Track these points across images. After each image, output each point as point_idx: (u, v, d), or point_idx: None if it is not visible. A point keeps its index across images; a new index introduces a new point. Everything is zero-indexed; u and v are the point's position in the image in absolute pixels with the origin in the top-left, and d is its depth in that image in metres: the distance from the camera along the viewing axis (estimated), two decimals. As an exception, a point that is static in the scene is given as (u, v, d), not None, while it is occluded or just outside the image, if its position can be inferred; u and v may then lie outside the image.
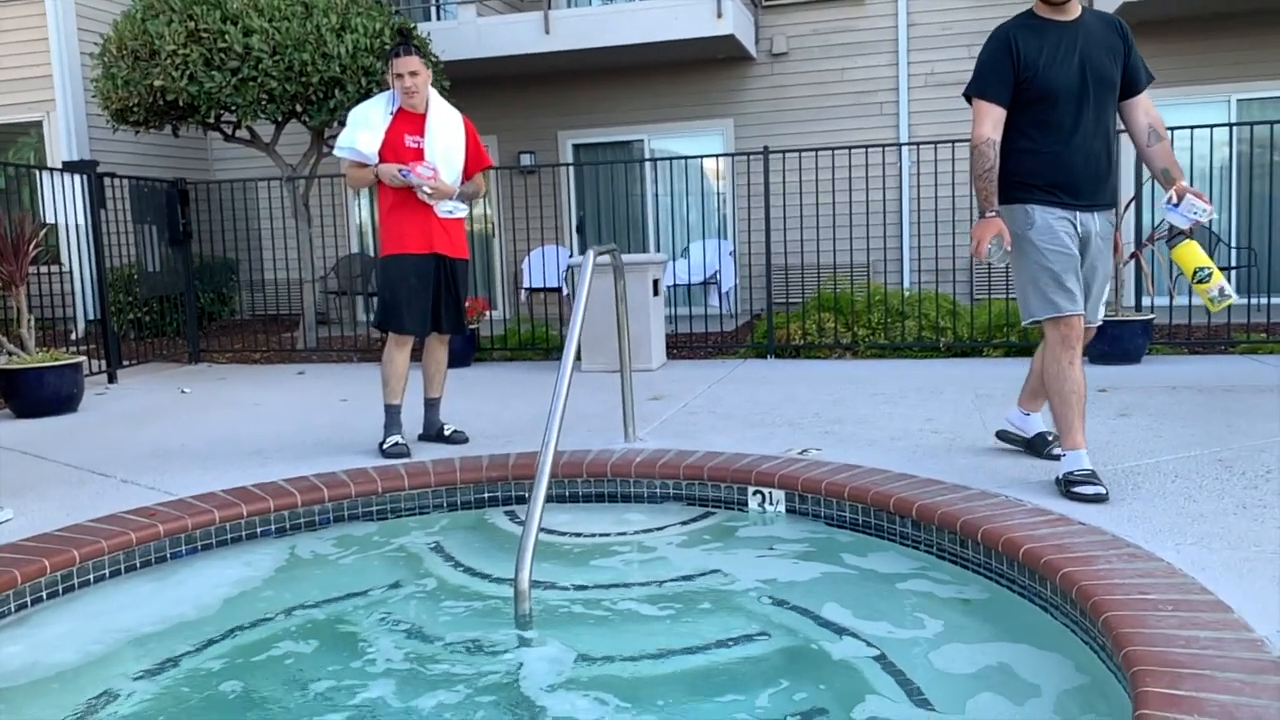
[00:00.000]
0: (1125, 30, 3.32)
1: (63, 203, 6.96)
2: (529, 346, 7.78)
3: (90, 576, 2.99)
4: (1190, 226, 3.17)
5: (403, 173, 4.08)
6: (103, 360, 7.18)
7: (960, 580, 2.83)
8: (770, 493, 3.51)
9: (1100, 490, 3.11)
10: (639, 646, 2.49)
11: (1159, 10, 8.72)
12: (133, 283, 8.85)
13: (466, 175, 4.35)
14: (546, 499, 2.81)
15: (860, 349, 7.19)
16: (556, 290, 9.89)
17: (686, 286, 9.63)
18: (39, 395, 5.72)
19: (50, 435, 5.07)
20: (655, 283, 7.01)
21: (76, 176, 7.09)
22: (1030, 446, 3.78)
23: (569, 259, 8.74)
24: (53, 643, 2.62)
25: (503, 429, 4.72)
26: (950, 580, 2.83)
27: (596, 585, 2.94)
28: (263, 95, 7.94)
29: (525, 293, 10.31)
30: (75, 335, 9.44)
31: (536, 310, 9.79)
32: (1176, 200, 3.18)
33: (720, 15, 9.28)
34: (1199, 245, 3.20)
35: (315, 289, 9.22)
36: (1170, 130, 3.66)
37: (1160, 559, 2.52)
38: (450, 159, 4.21)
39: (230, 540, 3.35)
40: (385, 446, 4.21)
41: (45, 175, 6.93)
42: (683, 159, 9.28)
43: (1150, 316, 6.46)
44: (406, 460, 4.05)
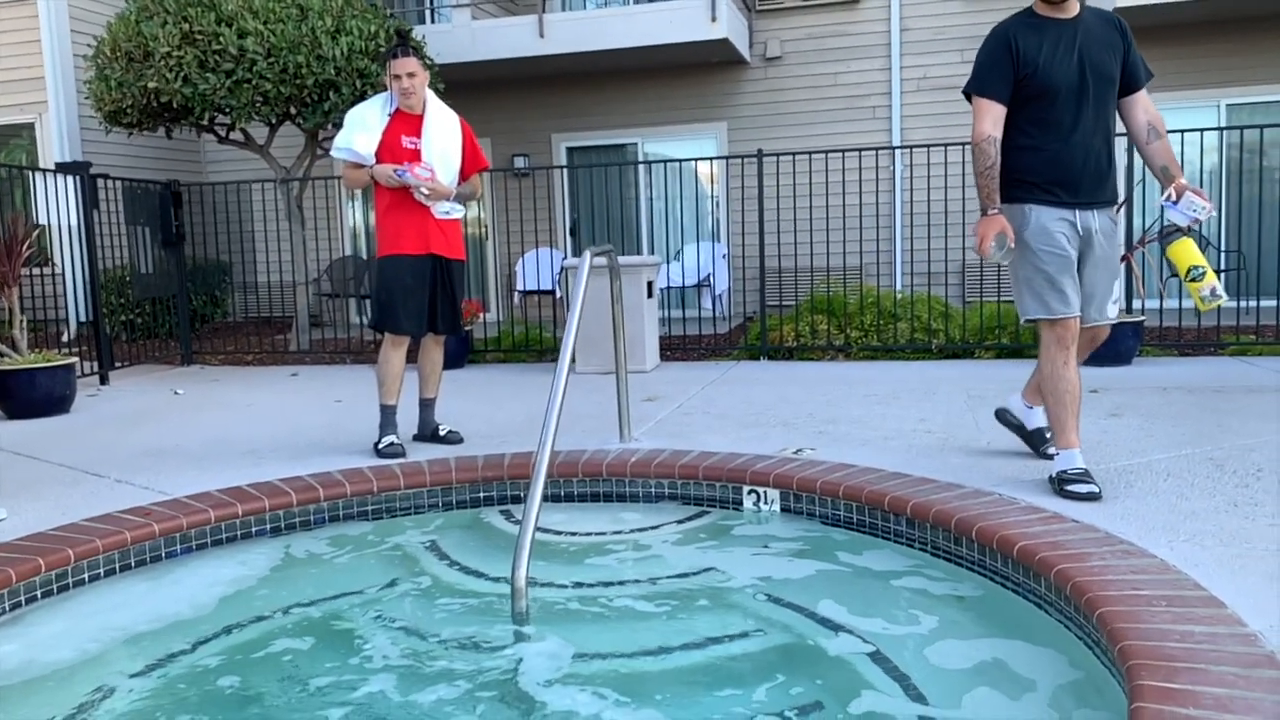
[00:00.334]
0: (1124, 27, 3.31)
1: (56, 204, 6.95)
2: (522, 348, 7.79)
3: (85, 576, 2.98)
4: (1189, 224, 3.18)
5: (398, 173, 4.08)
6: (94, 362, 7.16)
7: (955, 577, 2.84)
8: (765, 492, 3.52)
9: (1094, 488, 3.12)
10: (636, 643, 2.49)
11: (1150, 16, 8.77)
12: (125, 284, 8.84)
13: (463, 176, 4.36)
14: (542, 499, 2.81)
15: (853, 351, 7.21)
16: (550, 293, 9.90)
17: (680, 289, 9.65)
18: (31, 396, 5.70)
19: (43, 436, 5.06)
20: (649, 285, 7.02)
21: (69, 178, 7.08)
22: (1026, 437, 3.79)
23: (563, 261, 8.74)
24: (48, 641, 2.61)
25: (497, 429, 4.72)
26: (945, 577, 2.85)
27: (593, 583, 2.94)
28: (257, 97, 7.94)
29: (518, 295, 10.32)
30: (67, 337, 9.40)
31: (530, 313, 9.79)
32: (1176, 198, 3.18)
33: (715, 19, 9.31)
34: (1195, 244, 3.21)
35: (308, 291, 9.21)
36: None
37: (1154, 556, 2.54)
38: (447, 160, 4.22)
39: (225, 540, 3.35)
40: (380, 446, 4.21)
41: (38, 176, 6.92)
42: (676, 162, 9.30)
43: (1141, 318, 6.50)
44: (402, 460, 4.05)
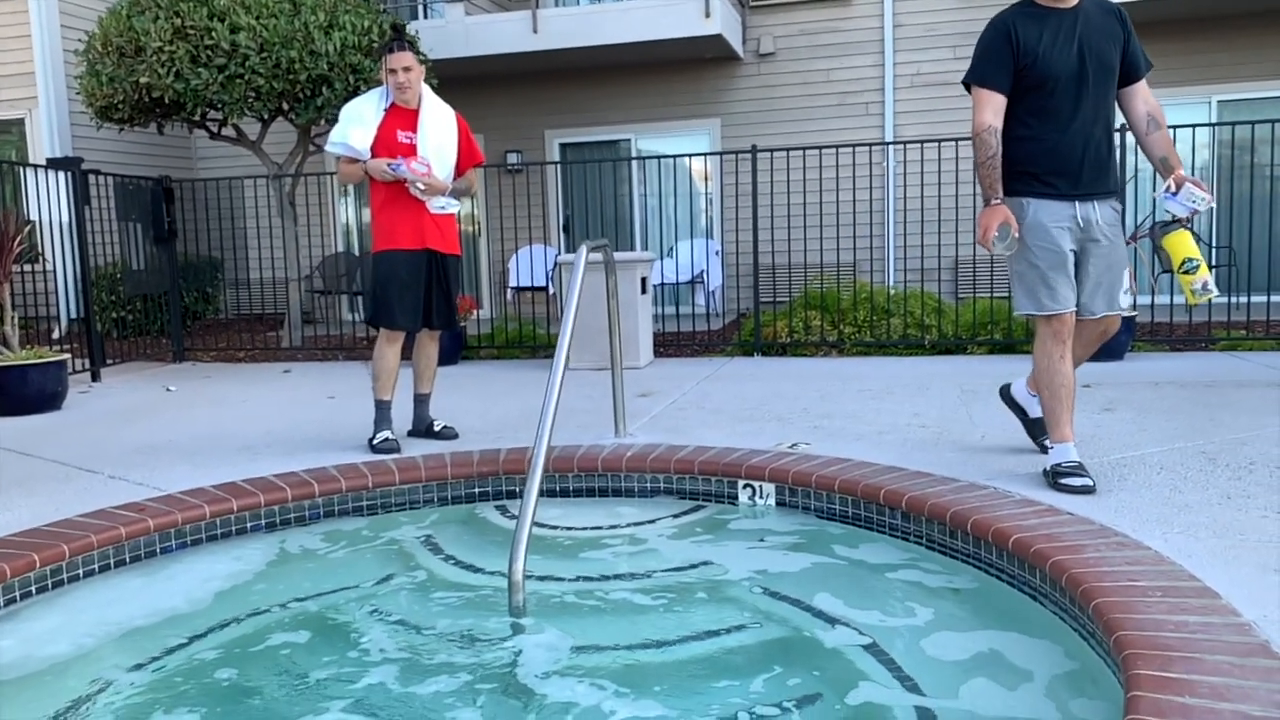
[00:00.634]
0: (1124, 17, 3.28)
1: (47, 200, 6.91)
2: (516, 345, 7.78)
3: (80, 571, 2.97)
4: (1188, 215, 3.17)
5: (392, 166, 4.07)
6: (86, 359, 7.13)
7: (950, 570, 2.85)
8: (761, 486, 3.53)
9: (1088, 482, 3.14)
10: (634, 635, 2.50)
11: (1141, 12, 8.79)
12: (116, 281, 8.80)
13: (459, 171, 4.35)
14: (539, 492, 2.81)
15: (846, 347, 7.23)
16: (543, 289, 9.90)
17: (674, 285, 9.65)
18: (23, 393, 5.68)
19: (35, 432, 5.03)
20: (644, 280, 7.02)
21: (61, 173, 7.04)
22: (1026, 424, 3.79)
23: (556, 257, 8.74)
24: (44, 636, 2.60)
25: (491, 425, 4.72)
26: (940, 570, 2.86)
27: (589, 577, 2.95)
28: (250, 93, 7.91)
29: (511, 292, 10.31)
30: (57, 334, 9.36)
31: (523, 309, 9.79)
32: (1175, 189, 3.16)
33: (708, 15, 9.31)
34: (1191, 236, 3.21)
35: (300, 288, 9.18)
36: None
37: (1148, 547, 2.55)
38: (443, 155, 4.21)
39: (220, 535, 3.34)
40: (375, 442, 4.20)
41: (29, 172, 6.89)
42: (670, 158, 9.30)
43: (1133, 314, 6.53)
44: (397, 455, 4.05)
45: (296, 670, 2.37)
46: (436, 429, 4.45)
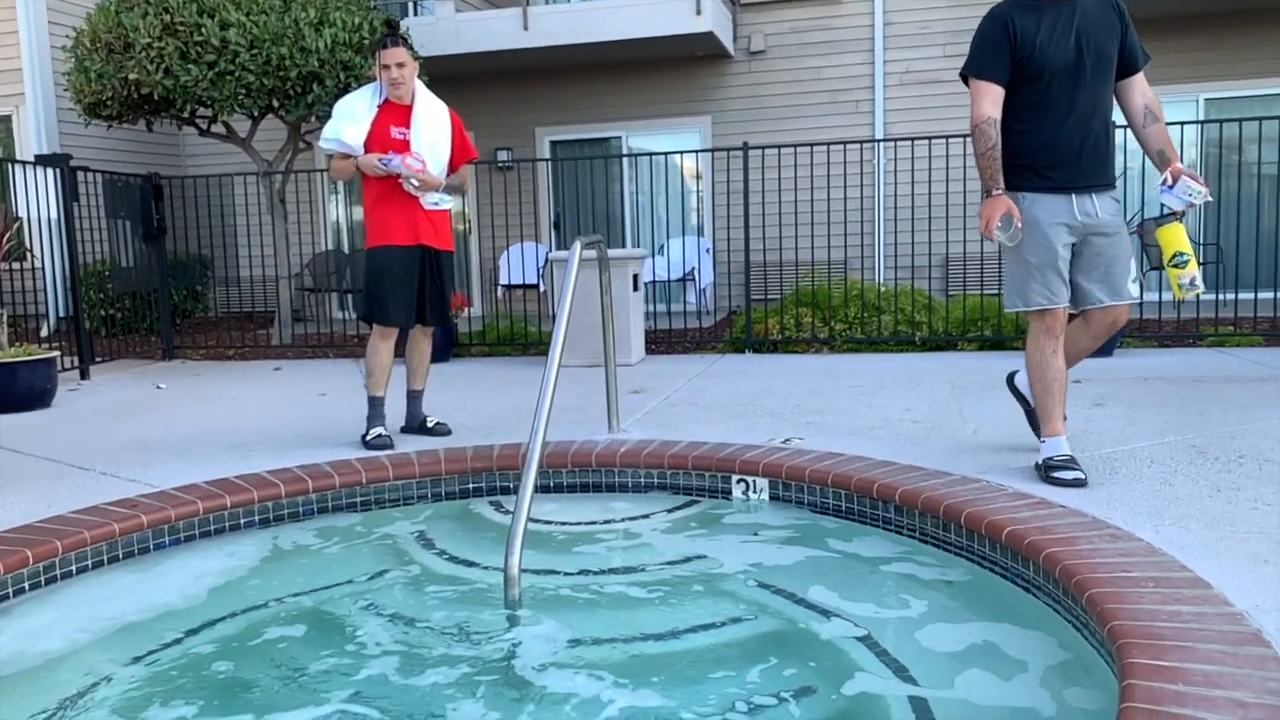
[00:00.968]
0: (1122, 9, 3.27)
1: (35, 197, 6.87)
2: (507, 342, 7.78)
3: (73, 568, 2.96)
4: (1184, 209, 3.17)
5: (384, 161, 4.06)
6: (75, 357, 7.09)
7: (943, 563, 2.87)
8: (754, 481, 3.54)
9: (1079, 475, 3.15)
10: (630, 628, 2.51)
11: (1130, 9, 8.84)
12: (105, 279, 8.75)
13: (452, 168, 4.34)
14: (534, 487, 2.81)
15: (837, 343, 7.25)
16: (534, 287, 9.89)
17: (665, 283, 9.66)
18: (12, 390, 5.64)
19: (25, 430, 5.01)
20: (635, 278, 7.03)
21: (49, 170, 7.01)
22: (1029, 414, 3.75)
23: (547, 254, 8.73)
24: (38, 632, 2.59)
25: (484, 422, 4.72)
26: (934, 563, 2.87)
27: (585, 571, 2.95)
28: (240, 89, 7.88)
29: (502, 289, 10.30)
30: (46, 331, 9.31)
31: (514, 307, 9.77)
32: (1172, 182, 3.17)
33: (699, 13, 9.31)
34: (1185, 231, 3.23)
35: (290, 285, 9.16)
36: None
37: (1140, 539, 2.57)
38: (436, 151, 4.20)
39: (214, 531, 3.33)
40: (369, 438, 4.19)
41: (17, 169, 6.84)
42: (662, 155, 9.30)
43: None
44: (390, 452, 4.04)
45: (291, 665, 2.37)
46: (430, 425, 4.45)
